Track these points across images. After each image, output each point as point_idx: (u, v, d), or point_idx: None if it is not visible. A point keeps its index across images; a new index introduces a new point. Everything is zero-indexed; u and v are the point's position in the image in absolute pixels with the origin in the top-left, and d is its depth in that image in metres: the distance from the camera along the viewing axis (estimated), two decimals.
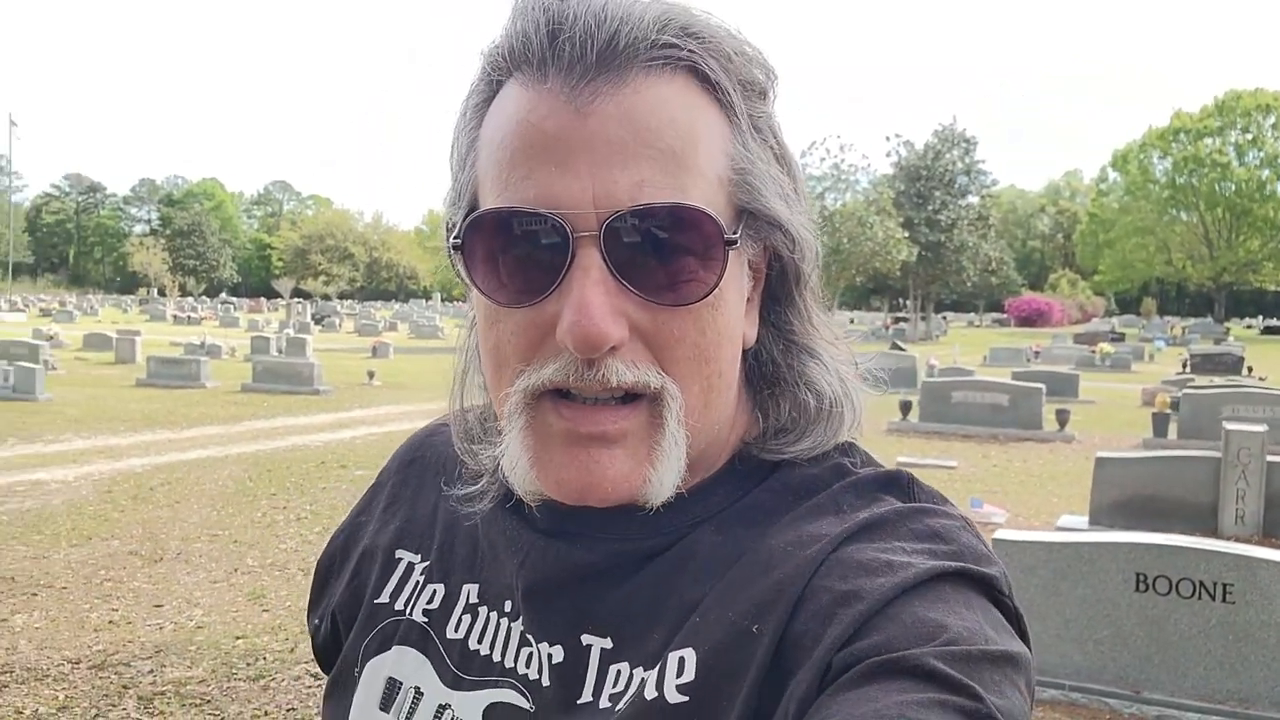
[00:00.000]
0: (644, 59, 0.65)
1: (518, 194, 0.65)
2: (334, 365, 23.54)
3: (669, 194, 0.64)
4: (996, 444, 14.16)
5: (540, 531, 0.77)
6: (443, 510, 0.87)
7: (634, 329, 0.65)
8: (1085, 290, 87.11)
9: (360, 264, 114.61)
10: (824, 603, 0.63)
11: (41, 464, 11.00)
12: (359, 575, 0.89)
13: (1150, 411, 15.16)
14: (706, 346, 0.68)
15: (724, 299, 0.68)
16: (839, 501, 0.72)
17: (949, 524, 0.69)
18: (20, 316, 54.93)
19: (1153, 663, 4.70)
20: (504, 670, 0.76)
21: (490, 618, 0.79)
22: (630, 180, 0.63)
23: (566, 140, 0.64)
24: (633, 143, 0.63)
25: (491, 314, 0.69)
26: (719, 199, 0.67)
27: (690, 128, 0.66)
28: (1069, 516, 8.68)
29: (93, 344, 29.60)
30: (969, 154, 60.78)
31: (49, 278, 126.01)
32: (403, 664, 0.81)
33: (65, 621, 5.81)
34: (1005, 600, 0.66)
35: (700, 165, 0.66)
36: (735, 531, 0.72)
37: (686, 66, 0.66)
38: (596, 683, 0.70)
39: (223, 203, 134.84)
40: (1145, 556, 4.73)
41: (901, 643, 0.59)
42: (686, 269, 0.65)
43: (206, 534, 7.99)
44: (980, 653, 0.59)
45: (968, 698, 0.56)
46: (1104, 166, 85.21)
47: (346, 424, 15.04)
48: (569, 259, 0.63)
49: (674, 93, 0.66)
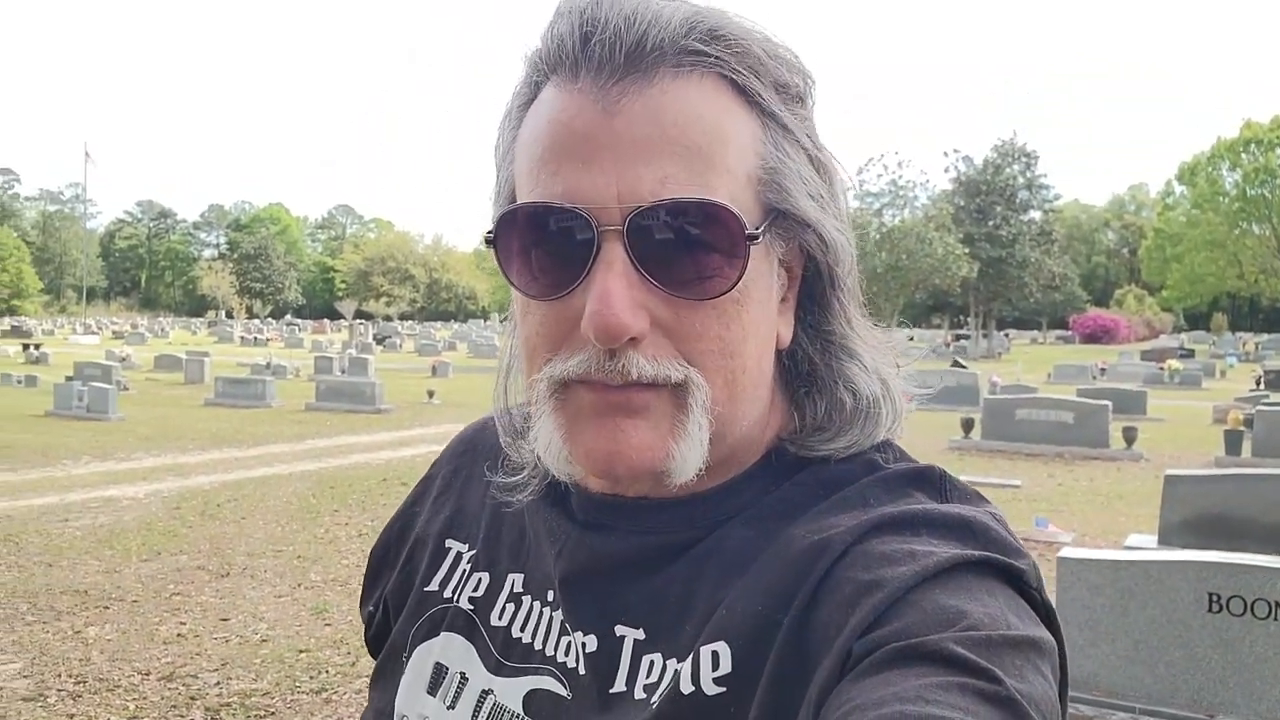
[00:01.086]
0: (671, 60, 0.66)
1: (546, 190, 0.67)
2: (395, 384, 23.87)
3: (692, 190, 0.65)
4: (1062, 462, 13.87)
5: (578, 524, 0.79)
6: (490, 501, 0.89)
7: (657, 323, 0.67)
8: (1152, 306, 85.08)
9: (420, 285, 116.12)
10: (846, 592, 0.63)
11: (114, 481, 11.31)
12: (410, 563, 0.92)
13: (1222, 429, 14.74)
14: (730, 341, 0.69)
15: (749, 295, 0.69)
16: (865, 495, 0.72)
17: (979, 517, 0.69)
18: (94, 339, 56.60)
19: (1227, 685, 4.55)
20: (544, 658, 0.77)
21: (533, 606, 0.80)
22: (654, 176, 0.64)
23: (593, 138, 0.65)
24: (658, 140, 0.65)
25: (524, 306, 0.72)
26: (746, 196, 0.68)
27: (717, 126, 0.67)
28: (1137, 536, 8.44)
29: (163, 365, 30.40)
30: (1030, 168, 59.96)
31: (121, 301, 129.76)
32: (450, 650, 0.83)
33: (136, 634, 5.96)
34: (1033, 592, 0.65)
35: (727, 163, 0.67)
36: (765, 525, 0.72)
37: (715, 68, 0.67)
38: (630, 672, 0.72)
39: (288, 227, 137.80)
40: (1217, 576, 4.58)
41: (921, 629, 0.59)
42: (709, 264, 0.66)
43: (271, 549, 8.14)
44: (1001, 638, 0.58)
45: (987, 681, 0.55)
46: (1170, 180, 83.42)
47: (407, 442, 15.23)
48: (594, 253, 0.65)
49: (701, 93, 0.67)
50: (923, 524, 0.68)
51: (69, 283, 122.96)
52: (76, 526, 8.86)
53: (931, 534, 0.67)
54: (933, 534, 0.67)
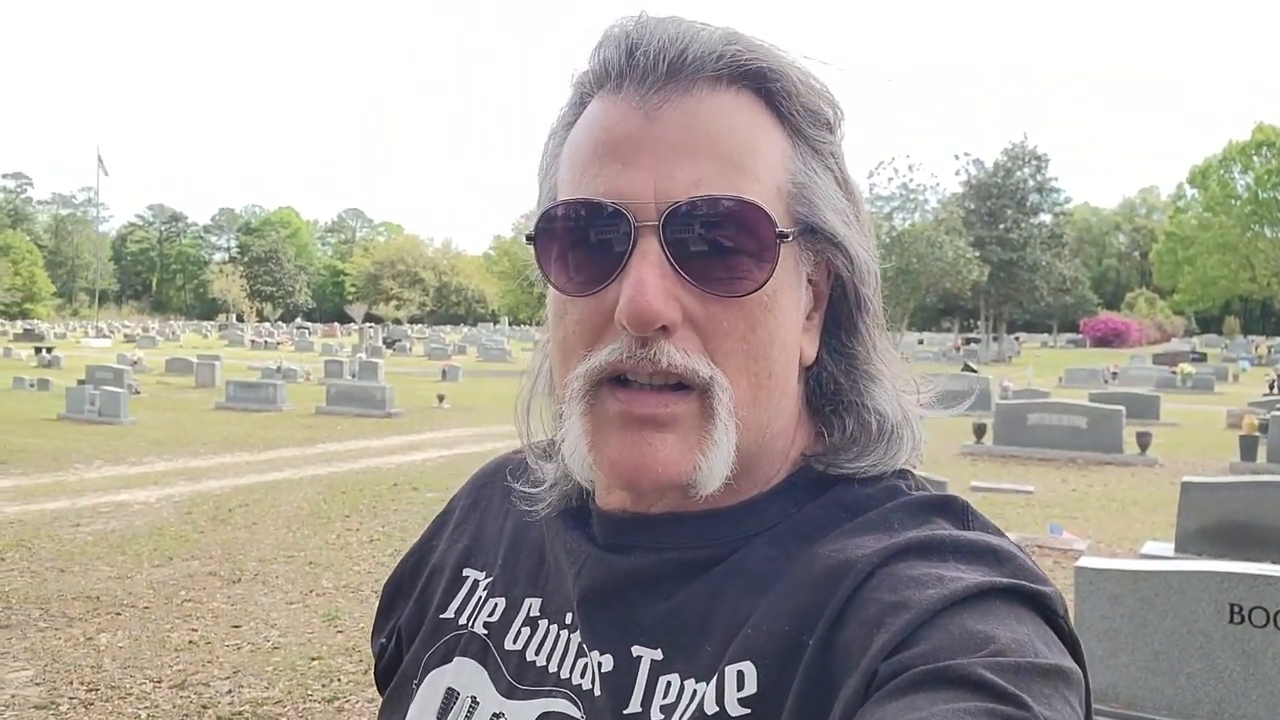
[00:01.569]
0: (709, 74, 0.69)
1: (588, 189, 0.70)
2: (405, 388, 23.91)
3: (725, 190, 0.68)
4: (1075, 468, 13.79)
5: (598, 545, 0.79)
6: (509, 528, 0.90)
7: (687, 317, 0.68)
8: (1164, 309, 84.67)
9: (430, 289, 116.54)
10: (872, 613, 0.63)
11: (125, 485, 11.33)
12: (426, 593, 0.93)
13: (1237, 434, 14.64)
14: (756, 344, 0.70)
15: (777, 301, 0.71)
16: (889, 519, 0.72)
17: (1005, 545, 0.69)
18: (105, 342, 56.86)
19: (1249, 698, 4.50)
20: (558, 680, 0.77)
21: (550, 630, 0.80)
22: (689, 177, 0.67)
23: (633, 141, 0.69)
24: (693, 144, 0.68)
25: (560, 307, 0.73)
26: (776, 206, 0.70)
27: (749, 137, 0.70)
28: (1153, 544, 8.38)
29: (174, 369, 30.52)
30: (1040, 171, 59.76)
31: (133, 304, 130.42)
32: (461, 674, 0.83)
33: (147, 641, 5.94)
34: (1059, 621, 0.65)
35: (758, 171, 0.70)
36: (787, 546, 0.72)
37: (751, 85, 0.71)
38: (646, 693, 0.71)
39: (298, 230, 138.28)
40: (1239, 586, 4.53)
41: (948, 653, 0.58)
42: (739, 262, 0.68)
43: (283, 555, 8.13)
44: (1030, 665, 0.58)
45: (1015, 707, 0.55)
46: (1181, 183, 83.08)
47: (418, 446, 15.24)
48: (630, 247, 0.67)
49: (736, 106, 0.70)
50: (949, 550, 0.68)
51: (81, 286, 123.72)
52: (88, 531, 8.87)
53: (959, 559, 0.67)
54: (960, 559, 0.67)
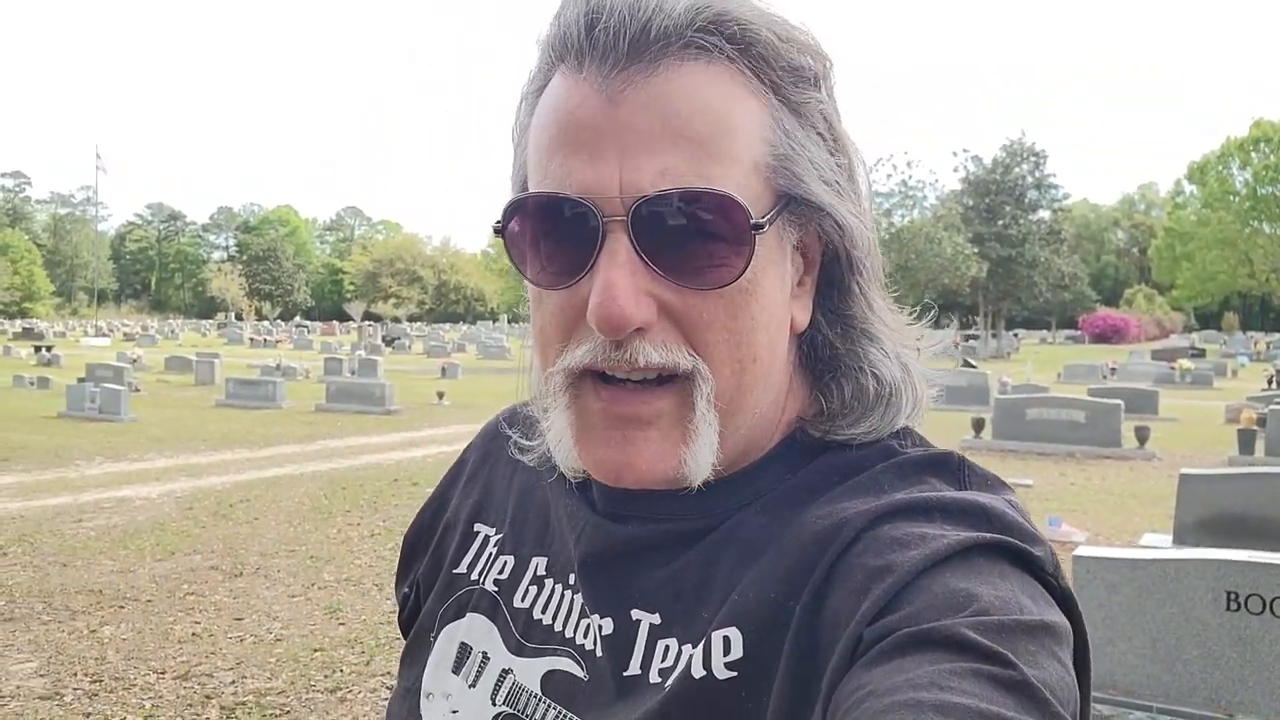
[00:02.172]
0: (676, 48, 0.65)
1: (554, 180, 0.67)
2: (405, 385, 23.92)
3: (694, 180, 0.65)
4: (1074, 462, 13.82)
5: (597, 512, 0.80)
6: (516, 485, 0.91)
7: (665, 311, 0.67)
8: (1163, 305, 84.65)
9: (429, 286, 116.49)
10: (858, 579, 0.63)
11: (126, 481, 11.35)
12: (442, 546, 0.94)
13: (1235, 429, 14.66)
14: (739, 330, 0.68)
15: (759, 285, 0.69)
16: (879, 481, 0.72)
17: (994, 504, 0.68)
18: (105, 341, 56.86)
19: (1246, 684, 4.53)
20: (563, 640, 0.78)
21: (555, 589, 0.81)
22: (655, 167, 0.64)
23: (597, 128, 0.65)
24: (660, 130, 0.65)
25: (535, 297, 0.72)
26: (754, 184, 0.68)
27: (723, 114, 0.66)
28: (1152, 535, 8.42)
29: (174, 367, 30.52)
30: (1039, 167, 59.81)
31: (132, 303, 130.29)
32: (474, 630, 0.85)
33: (151, 633, 5.97)
34: (1048, 577, 0.64)
35: (733, 151, 0.66)
36: (780, 512, 0.72)
37: (723, 52, 0.66)
38: (645, 656, 0.72)
39: (297, 229, 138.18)
40: (1236, 574, 4.56)
41: (932, 614, 0.58)
42: (713, 253, 0.66)
43: (284, 549, 8.15)
44: (1015, 622, 0.58)
45: (1001, 666, 0.55)
46: (1179, 179, 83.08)
47: (418, 443, 15.26)
48: (599, 242, 0.65)
49: (707, 80, 0.66)
50: (936, 510, 0.67)
51: (80, 285, 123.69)
52: (90, 527, 8.89)
53: (945, 519, 0.66)
54: (946, 519, 0.66)
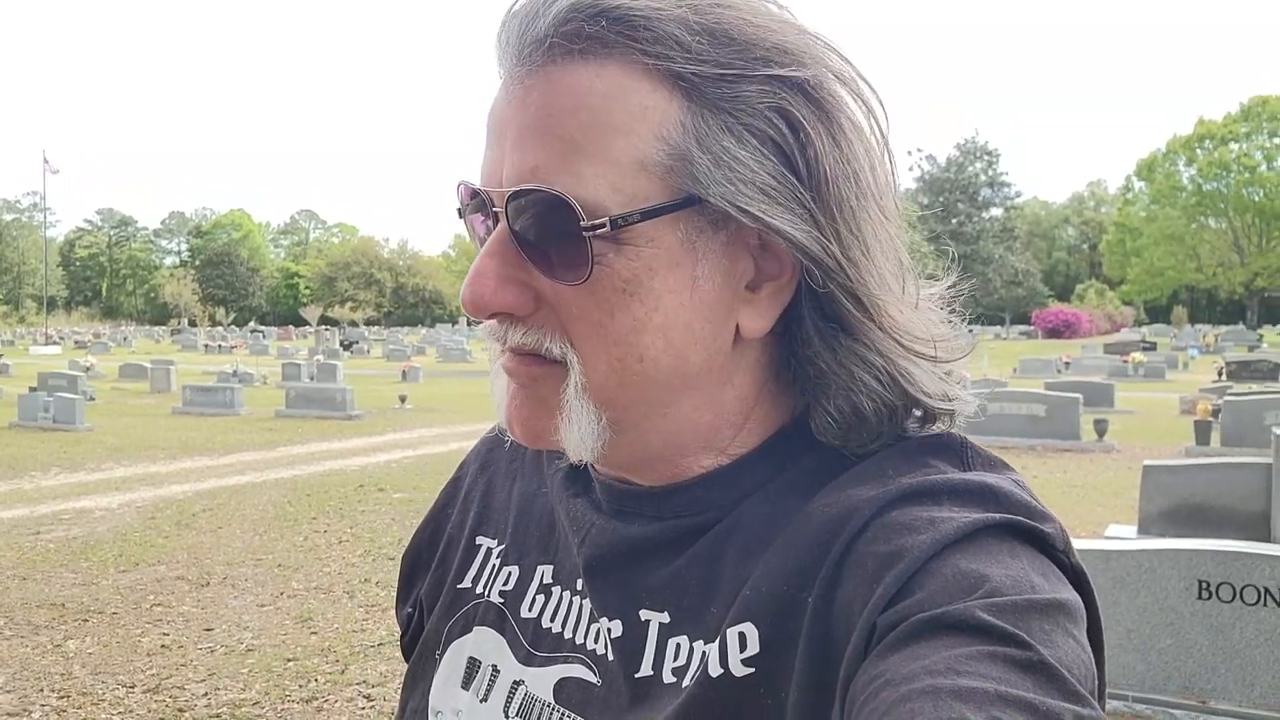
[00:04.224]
0: (561, 48, 0.65)
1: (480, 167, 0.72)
2: (365, 390, 23.69)
3: (553, 178, 0.65)
4: (1034, 455, 14.01)
5: (601, 512, 0.79)
6: (517, 494, 0.90)
7: (544, 299, 0.69)
8: (1114, 300, 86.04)
9: (387, 289, 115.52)
10: (870, 567, 0.62)
11: (85, 492, 11.12)
12: (444, 563, 0.93)
13: (1191, 420, 14.96)
14: (615, 329, 0.67)
15: (643, 285, 0.66)
16: (883, 466, 0.70)
17: (1001, 483, 0.67)
18: (56, 349, 55.69)
19: (1219, 672, 4.61)
20: (574, 646, 0.77)
21: (563, 596, 0.80)
22: (529, 163, 0.66)
23: (501, 124, 0.69)
24: (540, 127, 0.66)
25: None
26: (639, 184, 0.65)
27: (601, 114, 0.65)
28: (1117, 527, 8.56)
29: (129, 374, 29.96)
30: (992, 166, 60.70)
31: (83, 310, 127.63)
32: (482, 644, 0.84)
33: (118, 646, 5.85)
34: (1059, 554, 0.64)
35: (609, 153, 0.65)
36: (784, 502, 0.72)
37: (615, 51, 0.65)
38: (656, 656, 0.71)
39: (250, 233, 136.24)
40: (1207, 563, 4.64)
41: (944, 598, 0.58)
42: (563, 250, 0.67)
43: (251, 558, 8.03)
44: (1027, 602, 0.57)
45: (1017, 647, 0.55)
46: (1129, 176, 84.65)
47: (381, 448, 15.11)
48: (492, 228, 0.70)
49: (592, 78, 0.65)
50: (944, 493, 0.66)
51: (28, 293, 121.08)
52: (49, 539, 8.70)
53: (953, 502, 0.65)
54: (954, 502, 0.65)
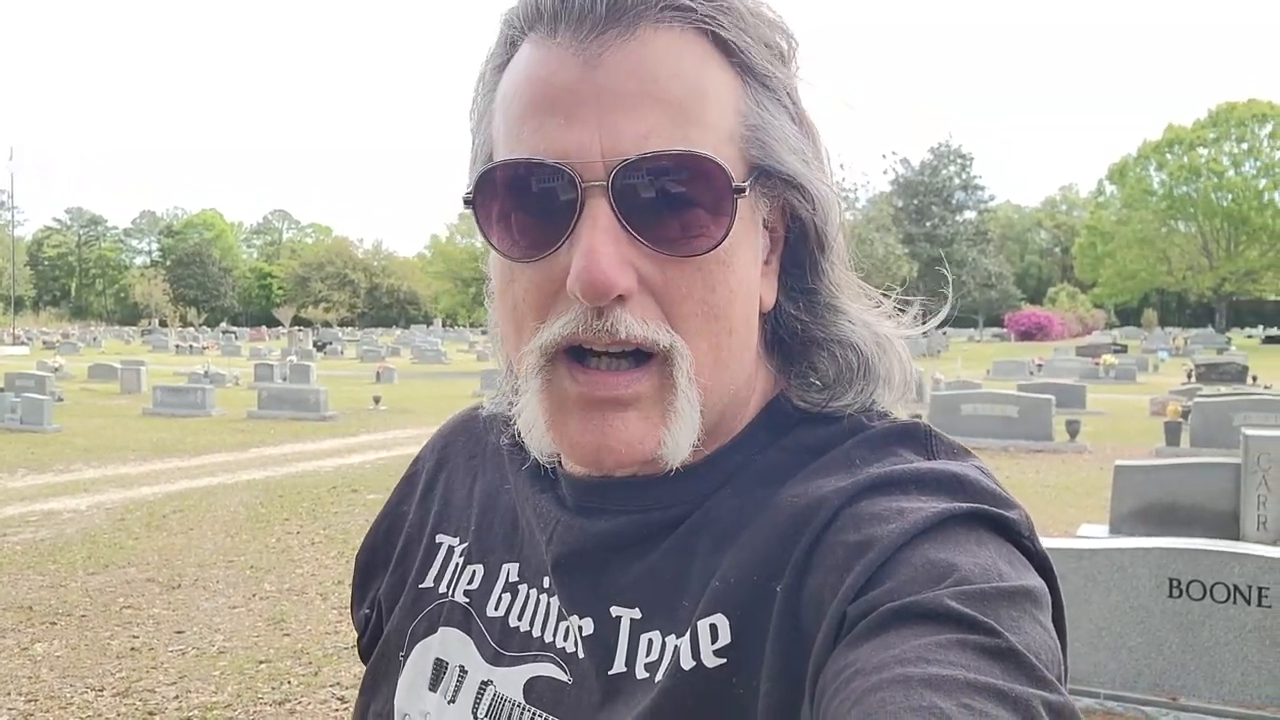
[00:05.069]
0: (653, 13, 0.64)
1: (529, 146, 0.65)
2: (339, 391, 23.53)
3: (676, 143, 0.63)
4: (1007, 456, 14.11)
5: (568, 509, 0.78)
6: (479, 491, 0.88)
7: (644, 282, 0.65)
8: (1085, 303, 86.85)
9: (361, 290, 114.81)
10: (839, 556, 0.63)
11: (53, 494, 10.97)
12: (404, 562, 0.91)
13: (1161, 421, 15.12)
14: (716, 303, 0.67)
15: (734, 255, 0.67)
16: (851, 456, 0.71)
17: (967, 472, 0.68)
18: (24, 349, 54.90)
19: (1189, 669, 4.66)
20: (543, 645, 0.76)
21: (530, 594, 0.79)
22: (637, 130, 0.63)
23: (574, 92, 0.64)
24: (639, 93, 0.63)
25: (507, 273, 0.69)
26: (729, 152, 0.66)
27: (698, 81, 0.65)
28: (1089, 526, 8.63)
29: (98, 375, 29.59)
30: (965, 169, 61.15)
31: (51, 311, 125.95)
32: (448, 644, 0.82)
33: (86, 649, 5.77)
34: (1025, 541, 0.64)
35: (709, 118, 0.65)
36: (753, 493, 0.71)
37: (696, 23, 0.66)
38: (629, 652, 0.71)
39: (223, 233, 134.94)
40: (1177, 562, 4.68)
41: (913, 587, 0.58)
42: (695, 219, 0.64)
43: (223, 560, 7.95)
44: (995, 590, 0.58)
45: (986, 635, 0.55)
46: (1101, 179, 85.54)
47: (355, 449, 15.01)
48: (578, 210, 0.63)
49: (682, 46, 0.65)
50: (911, 482, 0.67)
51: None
52: (16, 541, 8.57)
53: (920, 491, 0.66)
54: (922, 491, 0.66)
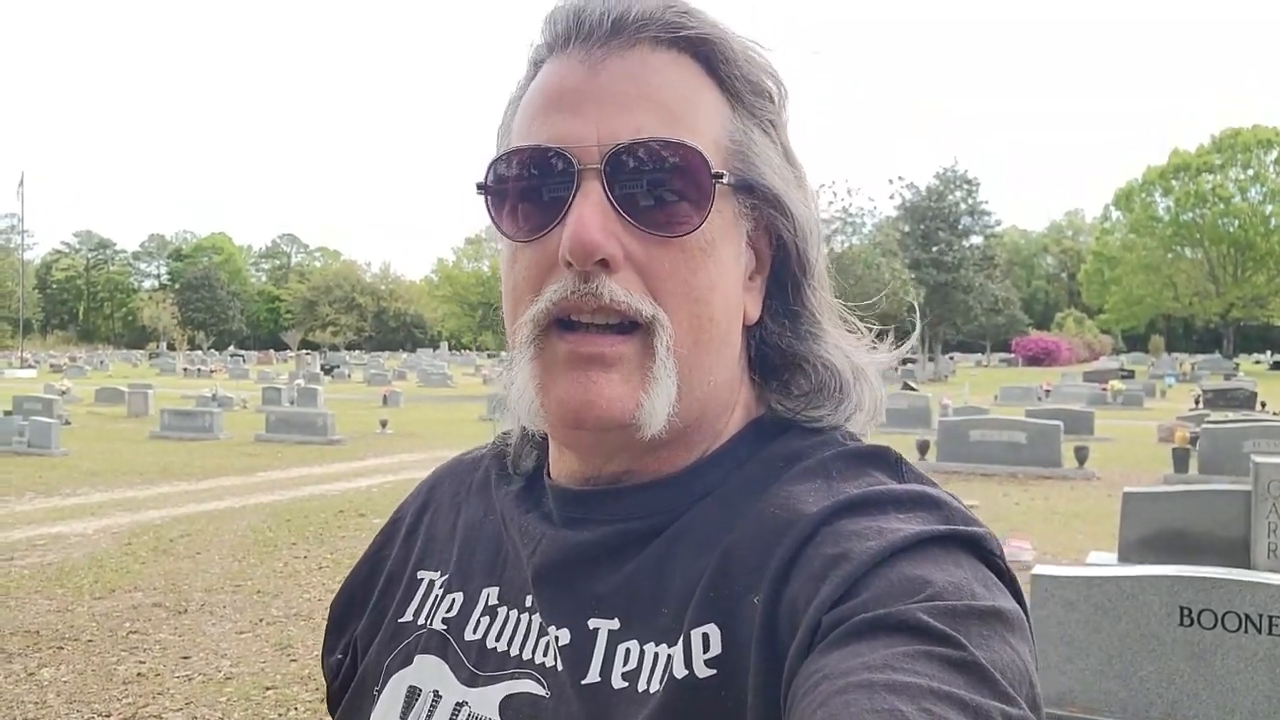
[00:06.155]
0: (651, 34, 0.72)
1: (534, 138, 0.73)
2: (346, 415, 23.56)
3: (665, 135, 0.71)
4: (1016, 482, 14.06)
5: (553, 524, 0.80)
6: (461, 525, 0.90)
7: (630, 258, 0.70)
8: (1092, 329, 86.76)
9: (368, 314, 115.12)
10: (816, 567, 0.65)
11: (60, 517, 10.98)
12: (383, 600, 0.92)
13: (1169, 447, 15.05)
14: (697, 286, 0.72)
15: (716, 248, 0.73)
16: (828, 466, 0.75)
17: (939, 495, 0.71)
18: (31, 372, 55.04)
19: (1200, 699, 4.62)
20: (521, 662, 0.77)
21: (510, 615, 0.80)
22: (631, 123, 0.70)
23: (578, 91, 0.72)
24: (635, 94, 0.71)
25: (510, 255, 0.75)
26: (714, 156, 0.73)
27: (689, 94, 0.73)
28: (1097, 553, 8.57)
29: (105, 398, 29.67)
30: (972, 195, 61.07)
31: (59, 334, 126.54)
32: (422, 672, 0.83)
33: (93, 674, 5.76)
34: (996, 560, 0.67)
35: (698, 124, 0.73)
36: (731, 503, 0.74)
37: (690, 49, 0.74)
38: (605, 662, 0.72)
39: (231, 256, 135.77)
40: (1188, 590, 4.66)
41: (888, 599, 0.60)
42: (678, 204, 0.71)
43: (230, 584, 7.94)
44: (967, 608, 0.60)
45: (953, 648, 0.57)
46: (1107, 205, 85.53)
47: (362, 473, 15.00)
48: (574, 189, 0.70)
49: (676, 66, 0.73)
50: (890, 503, 0.69)
51: (3, 315, 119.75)
52: (23, 565, 8.57)
53: (899, 511, 0.68)
54: (900, 511, 0.68)
